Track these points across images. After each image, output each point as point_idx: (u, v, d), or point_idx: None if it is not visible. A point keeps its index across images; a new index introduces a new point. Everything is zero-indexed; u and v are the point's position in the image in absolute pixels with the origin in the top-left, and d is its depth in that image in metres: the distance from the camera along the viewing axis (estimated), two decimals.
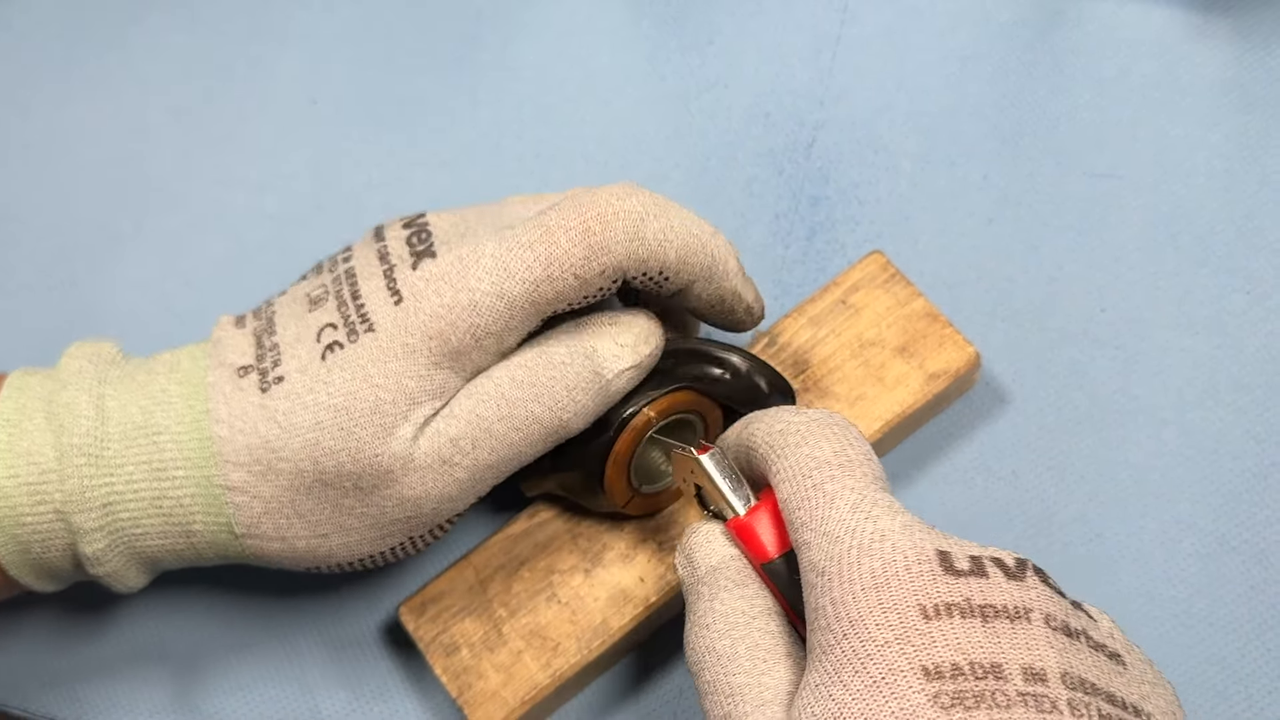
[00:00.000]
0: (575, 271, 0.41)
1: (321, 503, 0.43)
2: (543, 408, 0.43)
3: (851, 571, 0.35)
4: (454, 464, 0.43)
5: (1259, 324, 0.51)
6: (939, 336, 0.50)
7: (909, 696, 0.32)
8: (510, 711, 0.46)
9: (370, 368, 0.42)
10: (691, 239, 0.43)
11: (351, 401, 0.42)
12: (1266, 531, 0.48)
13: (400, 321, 0.42)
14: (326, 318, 0.43)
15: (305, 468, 0.42)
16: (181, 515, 0.43)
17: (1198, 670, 0.47)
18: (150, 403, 0.43)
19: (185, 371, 0.44)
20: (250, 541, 0.43)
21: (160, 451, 0.42)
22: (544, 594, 0.47)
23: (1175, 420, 0.50)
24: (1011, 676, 0.32)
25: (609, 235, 0.41)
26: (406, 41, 0.63)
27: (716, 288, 0.44)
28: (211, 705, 0.50)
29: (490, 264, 0.41)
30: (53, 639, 0.51)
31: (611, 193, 0.42)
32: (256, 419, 0.42)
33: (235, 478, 0.42)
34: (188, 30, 0.64)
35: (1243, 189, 0.54)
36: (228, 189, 0.60)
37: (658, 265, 0.42)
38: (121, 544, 0.43)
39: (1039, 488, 0.50)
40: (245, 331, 0.44)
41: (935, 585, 0.34)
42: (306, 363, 0.42)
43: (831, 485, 0.37)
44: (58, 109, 0.63)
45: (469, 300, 0.41)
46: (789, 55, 0.60)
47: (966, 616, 0.33)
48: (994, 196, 0.55)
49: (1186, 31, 0.57)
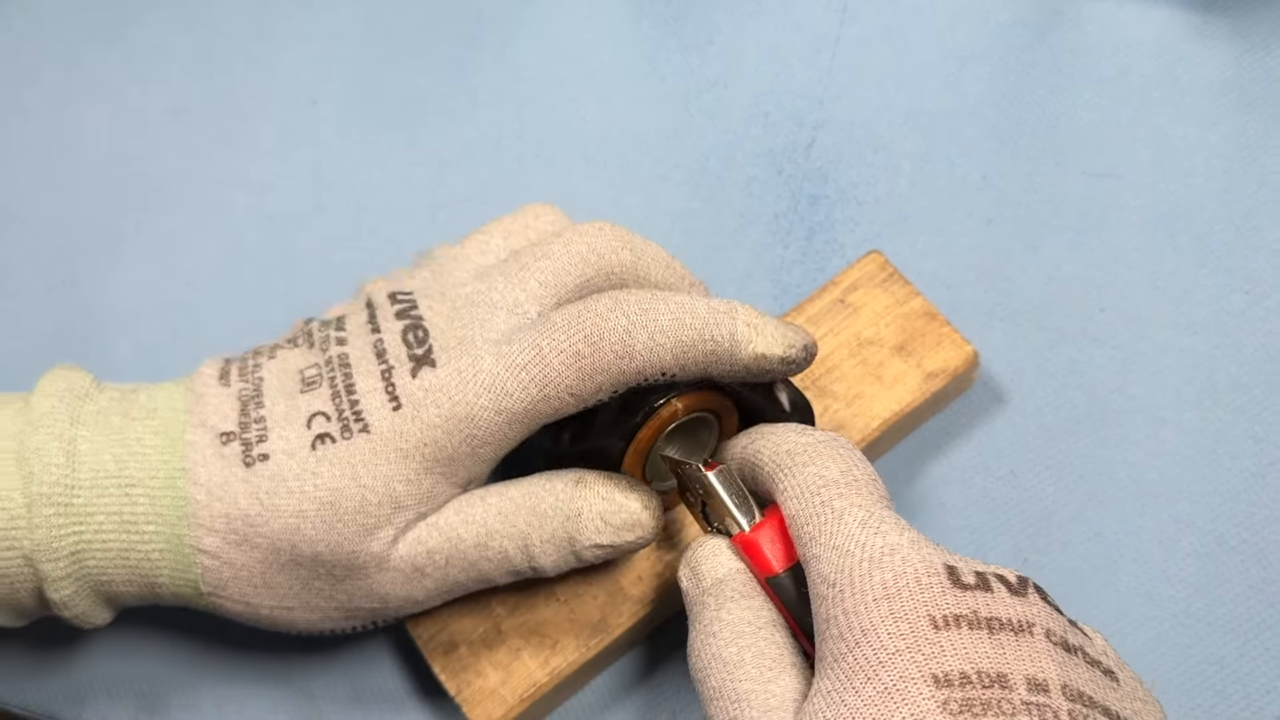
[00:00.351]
0: (569, 391, 0.42)
1: (292, 580, 0.43)
2: (516, 549, 0.44)
3: (863, 583, 0.35)
4: (425, 574, 0.44)
5: (1257, 324, 0.52)
6: (937, 335, 0.50)
7: (919, 703, 0.33)
8: (509, 709, 0.46)
9: (360, 469, 0.42)
10: (685, 335, 0.42)
11: (338, 498, 0.42)
12: (1265, 531, 0.48)
13: (397, 428, 0.42)
14: (319, 405, 0.43)
15: (281, 548, 0.42)
16: (149, 568, 0.43)
17: (1196, 669, 0.47)
18: (124, 452, 0.43)
19: (163, 421, 0.43)
20: (215, 600, 0.44)
21: (132, 505, 0.42)
22: (542, 592, 0.47)
23: (1174, 420, 0.50)
24: (1016, 686, 0.33)
25: (599, 358, 0.41)
26: (406, 41, 0.63)
27: (731, 364, 0.43)
28: (212, 704, 0.50)
29: (488, 381, 0.42)
30: (55, 640, 0.51)
31: (596, 308, 0.42)
32: (238, 492, 0.42)
33: (208, 542, 0.42)
34: (188, 30, 0.64)
35: (1241, 189, 0.54)
36: (228, 189, 0.60)
37: (656, 371, 0.42)
38: (88, 589, 0.43)
39: (1037, 487, 0.50)
40: (230, 393, 0.44)
41: (944, 597, 0.35)
42: (295, 448, 0.42)
43: (840, 502, 0.38)
44: (58, 108, 0.63)
45: (466, 413, 0.42)
46: (788, 55, 0.60)
47: (974, 628, 0.34)
48: (993, 196, 0.55)
49: (1185, 31, 0.57)
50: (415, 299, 0.45)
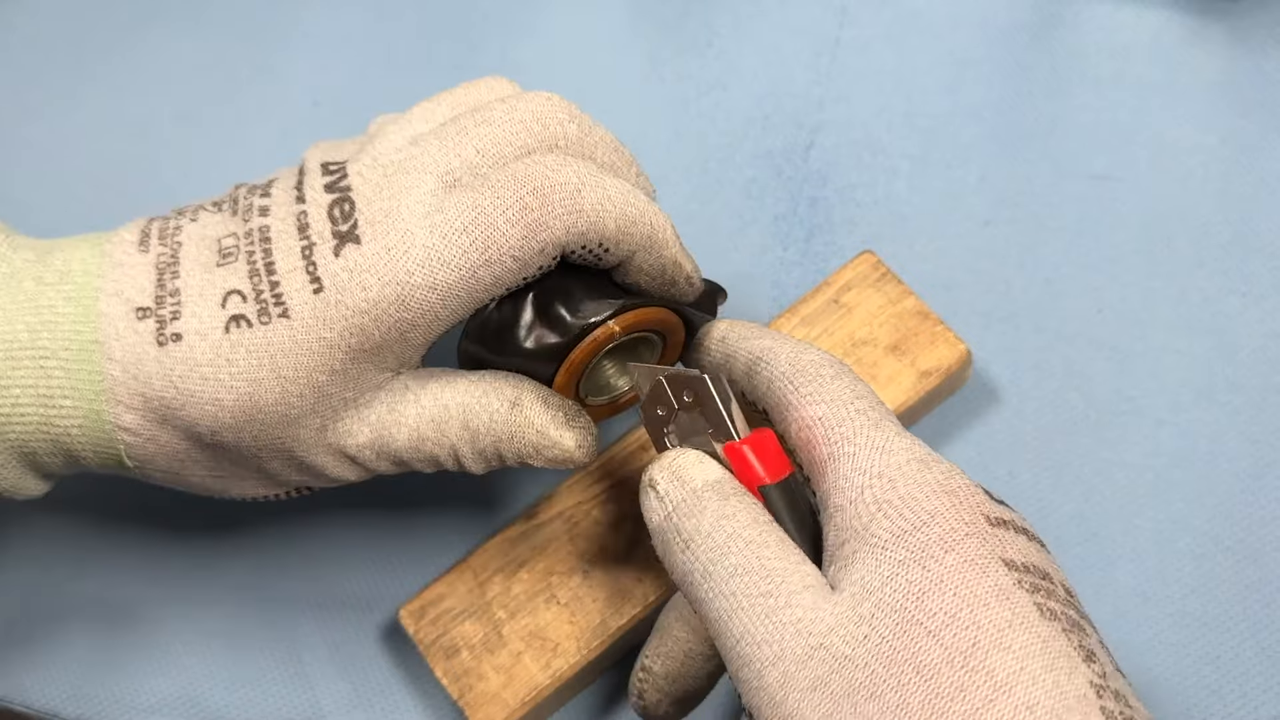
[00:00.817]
0: (513, 253, 0.39)
1: (218, 457, 0.42)
2: (446, 456, 0.42)
3: (920, 475, 0.36)
4: (356, 461, 0.42)
5: (1254, 325, 0.52)
6: (930, 334, 0.50)
7: (1000, 577, 0.34)
8: (511, 712, 0.46)
9: (280, 359, 0.40)
10: (630, 208, 0.41)
11: (256, 389, 0.40)
12: (1261, 531, 0.48)
13: (319, 314, 0.39)
14: (234, 281, 0.40)
15: (202, 432, 0.41)
16: (69, 442, 0.41)
17: (1193, 668, 0.47)
18: (37, 321, 0.40)
19: (77, 285, 0.41)
20: (143, 472, 0.43)
21: (48, 377, 0.40)
22: (543, 595, 0.48)
23: (1171, 421, 0.51)
24: (1058, 585, 0.35)
25: (547, 211, 0.39)
26: (408, 44, 0.63)
27: (658, 257, 0.42)
28: (213, 705, 0.50)
29: (422, 255, 0.39)
30: (54, 635, 0.52)
31: (543, 165, 0.40)
32: (152, 373, 0.40)
33: (128, 419, 0.41)
34: (192, 35, 0.65)
35: (1238, 191, 0.54)
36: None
37: (597, 237, 0.40)
38: (15, 460, 0.42)
39: (1035, 488, 0.50)
40: (148, 261, 0.41)
41: (990, 504, 0.36)
42: (208, 328, 0.40)
43: (875, 414, 0.38)
44: (64, 112, 0.63)
45: (396, 294, 0.39)
46: (788, 58, 0.60)
47: (1018, 532, 0.36)
48: (991, 198, 0.56)
49: (1182, 35, 0.58)
50: (346, 167, 0.42)
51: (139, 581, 0.53)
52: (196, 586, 0.52)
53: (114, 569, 0.53)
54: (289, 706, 0.50)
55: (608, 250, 0.41)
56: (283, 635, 0.51)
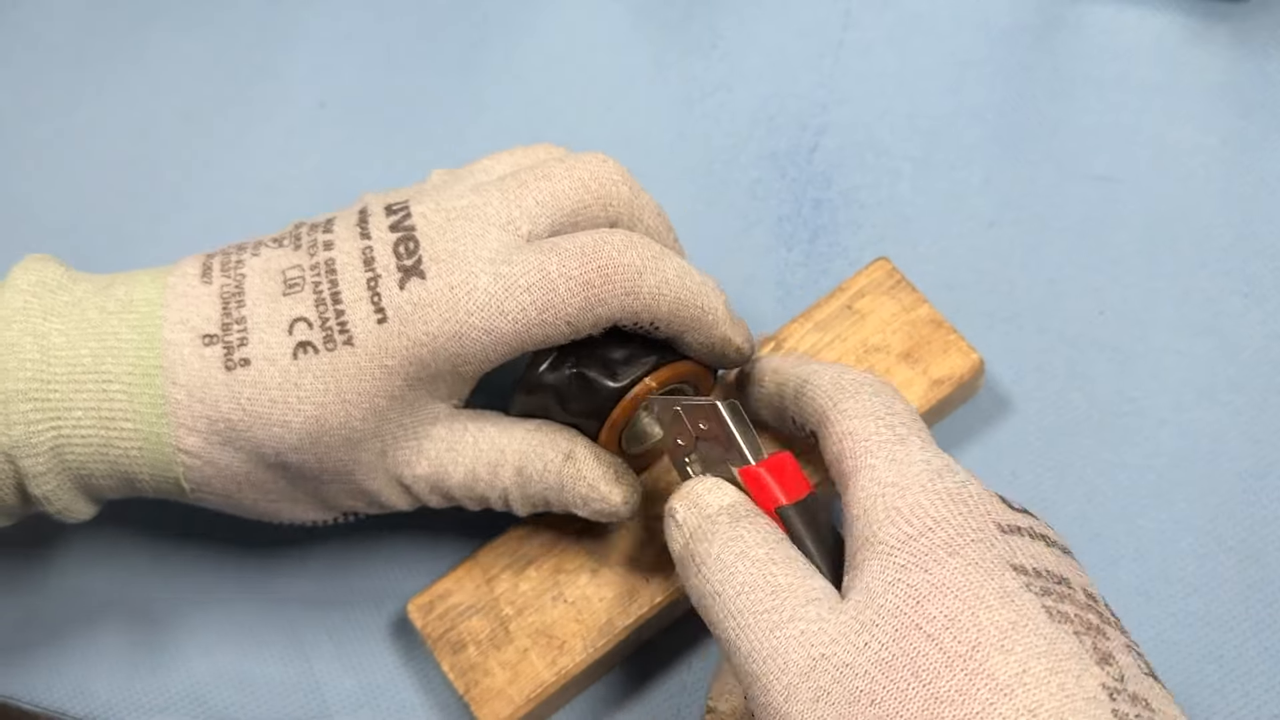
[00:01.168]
0: (568, 319, 0.42)
1: (277, 478, 0.43)
2: (496, 497, 0.45)
3: (931, 485, 0.37)
4: (409, 490, 0.45)
5: (1256, 326, 0.52)
6: (943, 343, 0.50)
7: (1006, 579, 0.34)
8: (516, 709, 0.46)
9: (344, 383, 0.42)
10: (685, 292, 0.43)
11: (322, 412, 0.42)
12: (1263, 531, 0.49)
13: (382, 343, 0.41)
14: (301, 310, 0.42)
15: (266, 453, 0.42)
16: (128, 464, 0.43)
17: (1195, 668, 0.47)
18: (100, 346, 0.42)
19: (140, 315, 0.43)
20: (198, 495, 0.44)
21: (109, 400, 0.42)
22: (550, 593, 0.48)
23: (1173, 421, 0.51)
24: (1076, 589, 0.35)
25: (607, 289, 0.42)
26: (413, 45, 0.63)
27: (706, 336, 0.44)
28: (219, 699, 0.50)
29: (484, 300, 0.41)
30: (62, 634, 0.52)
31: (610, 244, 0.42)
32: (219, 396, 0.42)
33: (189, 442, 0.42)
34: (198, 35, 0.65)
35: (1240, 193, 0.54)
36: (238, 191, 0.61)
37: (649, 317, 0.43)
38: (69, 483, 0.43)
39: (1038, 488, 0.51)
40: (211, 291, 0.43)
41: (1003, 511, 0.37)
42: (276, 354, 0.42)
43: (903, 429, 0.40)
44: (70, 112, 0.63)
45: (454, 331, 0.41)
46: (792, 59, 0.60)
47: (1033, 538, 0.36)
48: (994, 199, 0.56)
49: (1185, 37, 0.58)
50: (409, 207, 0.44)
51: (146, 580, 0.53)
52: (203, 584, 0.52)
53: (121, 568, 0.53)
54: (295, 704, 0.50)
55: (658, 328, 0.43)
56: (290, 633, 0.51)
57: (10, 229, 0.61)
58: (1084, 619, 0.34)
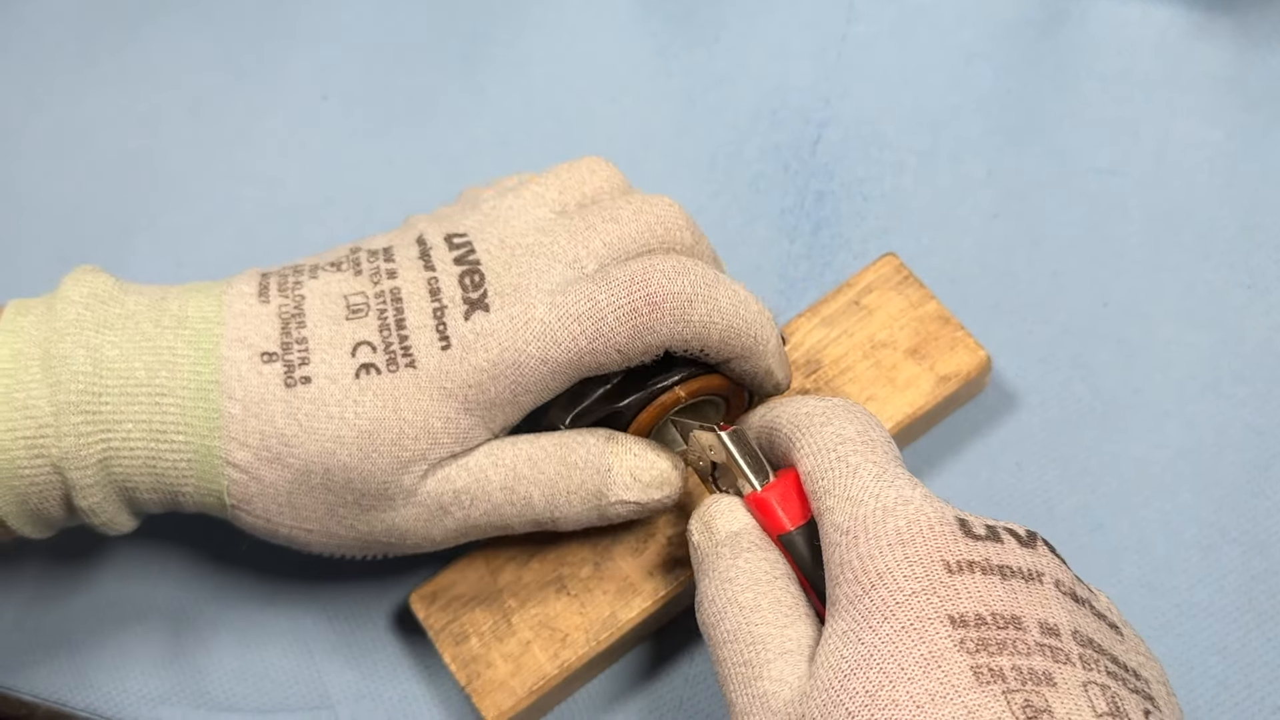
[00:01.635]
0: (618, 348, 0.42)
1: (317, 503, 0.44)
2: (541, 497, 0.44)
3: (878, 529, 0.36)
4: (449, 512, 0.44)
5: (1260, 318, 0.52)
6: (951, 339, 0.50)
7: (937, 641, 0.34)
8: (518, 701, 0.46)
9: (402, 402, 0.42)
10: (736, 320, 0.43)
11: (377, 427, 0.42)
12: (1267, 522, 0.49)
13: (444, 367, 0.42)
14: (365, 334, 0.43)
15: (314, 470, 0.43)
16: (174, 477, 0.43)
17: (1199, 659, 0.47)
18: (155, 361, 0.43)
19: (196, 331, 0.43)
20: (238, 513, 0.44)
21: (162, 414, 0.42)
22: (553, 585, 0.48)
23: (1177, 413, 0.51)
24: (1030, 628, 0.34)
25: (655, 318, 0.42)
26: (417, 38, 0.63)
27: (753, 366, 0.44)
28: (221, 689, 0.50)
29: (540, 330, 0.42)
30: (62, 626, 0.52)
31: (661, 271, 0.43)
32: (276, 411, 0.42)
33: (239, 456, 0.43)
34: (201, 27, 0.65)
35: (1244, 185, 0.54)
36: (240, 184, 0.61)
37: (699, 345, 0.43)
38: (114, 496, 0.43)
39: (1042, 479, 0.50)
40: (269, 310, 0.44)
41: (956, 544, 0.36)
42: (338, 374, 0.42)
43: (855, 458, 0.39)
44: (72, 103, 0.63)
45: (513, 359, 0.42)
46: (795, 52, 0.60)
47: (987, 574, 0.35)
48: (998, 192, 0.56)
49: (1189, 29, 0.58)
50: (471, 242, 0.45)
51: (148, 572, 0.53)
52: (205, 575, 0.52)
53: (121, 560, 0.53)
54: (297, 695, 0.50)
55: (707, 354, 0.44)
56: (292, 623, 0.51)
57: (13, 220, 0.61)
58: (1025, 668, 0.33)
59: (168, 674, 0.51)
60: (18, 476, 0.42)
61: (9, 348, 0.42)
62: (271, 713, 0.50)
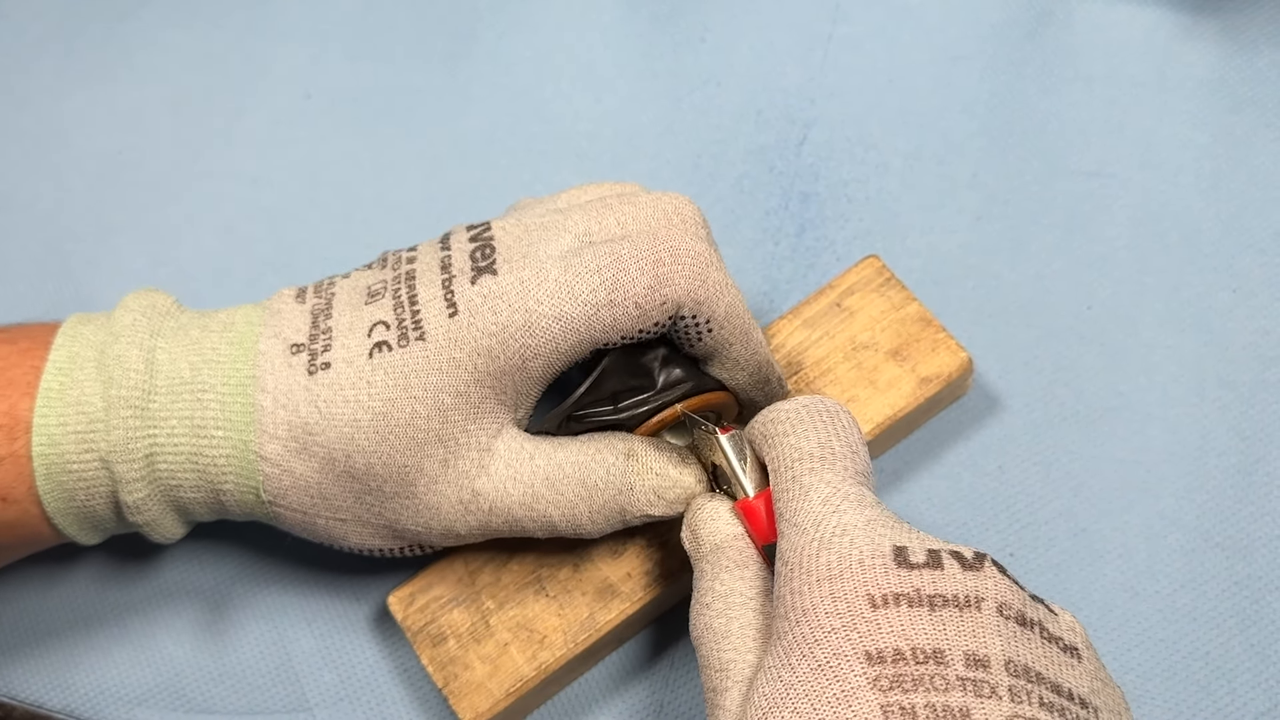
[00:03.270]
0: (637, 300, 0.42)
1: (345, 492, 0.44)
2: (561, 517, 0.44)
3: (810, 563, 0.36)
4: (470, 511, 0.44)
5: (1245, 322, 0.52)
6: (932, 341, 0.50)
7: (850, 679, 0.33)
8: (496, 703, 0.46)
9: (412, 379, 0.42)
10: (739, 304, 0.44)
11: (390, 409, 0.42)
12: (1250, 527, 0.48)
13: (451, 334, 0.42)
14: (380, 314, 0.43)
15: (337, 457, 0.43)
16: (215, 473, 0.44)
17: (1181, 664, 0.47)
18: (199, 360, 0.44)
19: (239, 333, 0.45)
20: (275, 509, 0.45)
21: (203, 409, 0.43)
22: (532, 587, 0.48)
23: (1161, 416, 0.51)
24: (953, 662, 0.34)
25: (677, 269, 0.42)
26: (401, 36, 0.63)
27: (752, 354, 0.45)
28: (198, 691, 0.50)
29: (553, 287, 0.42)
30: (40, 627, 0.52)
31: (682, 231, 0.43)
32: (300, 399, 0.43)
33: (270, 449, 0.43)
34: (184, 24, 0.65)
35: (1229, 188, 0.54)
36: (223, 181, 0.60)
37: (707, 313, 0.43)
38: (159, 494, 0.44)
39: (1025, 483, 0.50)
40: (304, 308, 0.45)
41: (885, 577, 0.35)
42: (354, 355, 0.43)
43: (809, 478, 0.39)
44: (55, 100, 0.63)
45: (524, 321, 0.42)
46: (781, 53, 0.60)
47: (914, 605, 0.35)
48: (982, 194, 0.56)
49: (1174, 32, 0.58)
50: (490, 223, 0.45)
51: (125, 572, 0.52)
52: (182, 576, 0.52)
53: (99, 560, 0.52)
54: (275, 696, 0.50)
55: (710, 331, 0.43)
56: (269, 625, 0.51)
57: None
58: (940, 705, 0.33)
59: (145, 675, 0.51)
60: (67, 471, 0.43)
61: (68, 350, 0.44)
62: (249, 715, 0.50)
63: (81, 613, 0.52)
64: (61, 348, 0.44)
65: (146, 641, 0.51)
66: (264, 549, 0.52)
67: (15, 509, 0.44)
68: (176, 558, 0.52)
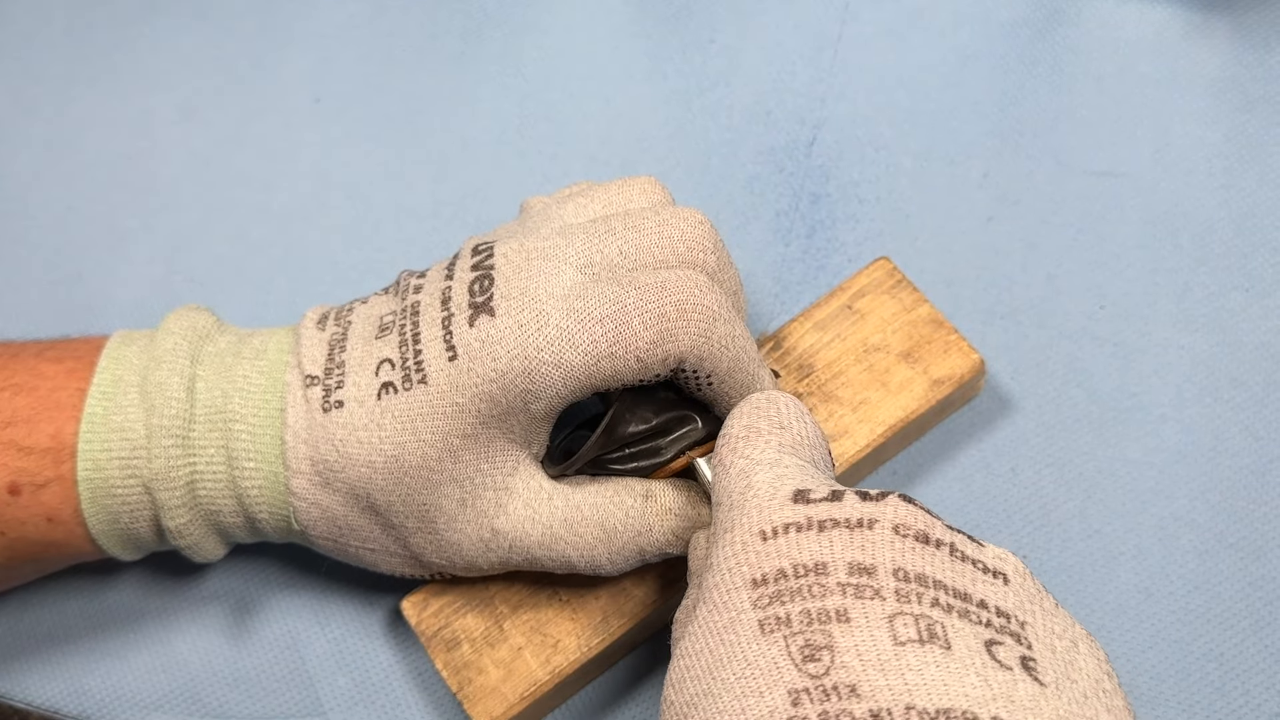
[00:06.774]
0: (639, 354, 0.41)
1: (371, 524, 0.44)
2: (580, 557, 0.44)
3: (718, 527, 0.37)
4: (491, 549, 0.44)
5: (1257, 321, 0.52)
6: (944, 343, 0.50)
7: (735, 606, 0.34)
8: (510, 707, 0.46)
9: (420, 423, 0.42)
10: (745, 356, 0.43)
11: (401, 453, 0.42)
12: (1264, 528, 0.48)
13: (452, 380, 0.42)
14: (387, 351, 0.43)
15: (359, 494, 0.43)
16: (249, 502, 0.44)
17: (1195, 665, 0.47)
18: (231, 388, 0.44)
19: (270, 362, 0.45)
20: (309, 537, 0.45)
21: (235, 440, 0.44)
22: (546, 591, 0.48)
23: (1174, 417, 0.50)
24: (834, 571, 0.34)
25: (682, 324, 0.41)
26: (410, 40, 0.63)
27: None
28: (213, 696, 0.50)
29: (554, 334, 0.41)
30: (56, 632, 0.52)
31: (691, 282, 0.42)
32: (318, 438, 0.43)
33: (296, 483, 0.44)
34: (194, 30, 0.65)
35: (1241, 187, 0.54)
36: (233, 186, 0.60)
37: (709, 369, 0.42)
38: (201, 519, 0.45)
39: (1037, 484, 0.50)
40: (323, 337, 0.45)
41: (778, 512, 0.35)
42: (363, 396, 0.43)
43: (730, 457, 0.39)
44: (65, 106, 0.63)
45: (524, 367, 0.41)
46: (790, 54, 0.60)
47: (803, 530, 0.35)
48: (994, 194, 0.56)
49: (1186, 30, 0.57)
50: (494, 247, 0.44)
51: (140, 578, 0.52)
52: (196, 582, 0.52)
53: (114, 567, 0.53)
54: (289, 701, 0.50)
55: (711, 384, 0.43)
56: (284, 629, 0.51)
57: (5, 224, 0.61)
58: (815, 611, 0.33)
59: (160, 681, 0.51)
60: (111, 495, 0.44)
61: (111, 373, 0.44)
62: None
63: (96, 619, 0.52)
64: (105, 370, 0.44)
65: (161, 647, 0.51)
66: (278, 555, 0.52)
67: (61, 529, 0.45)
68: (191, 564, 0.52)
